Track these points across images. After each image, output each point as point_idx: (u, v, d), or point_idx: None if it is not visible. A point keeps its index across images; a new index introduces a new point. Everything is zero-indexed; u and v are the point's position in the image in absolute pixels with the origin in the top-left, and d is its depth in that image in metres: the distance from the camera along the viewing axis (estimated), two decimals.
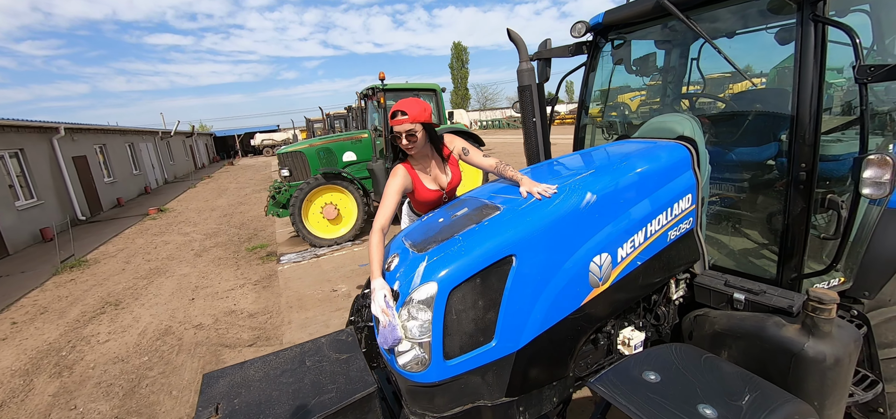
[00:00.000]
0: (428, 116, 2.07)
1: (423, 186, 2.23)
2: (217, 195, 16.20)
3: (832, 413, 1.63)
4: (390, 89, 7.90)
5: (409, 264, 1.55)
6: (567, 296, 1.65)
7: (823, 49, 1.75)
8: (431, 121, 2.13)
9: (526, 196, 1.72)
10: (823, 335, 1.59)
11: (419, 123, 2.03)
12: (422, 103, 2.07)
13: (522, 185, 1.80)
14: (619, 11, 2.54)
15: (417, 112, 2.01)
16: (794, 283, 2.00)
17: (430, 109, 2.12)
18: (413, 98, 2.10)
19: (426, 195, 2.24)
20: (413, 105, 2.03)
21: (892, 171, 1.50)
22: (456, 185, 2.35)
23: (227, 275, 6.55)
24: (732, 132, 2.80)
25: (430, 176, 2.27)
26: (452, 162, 2.30)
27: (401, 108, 2.01)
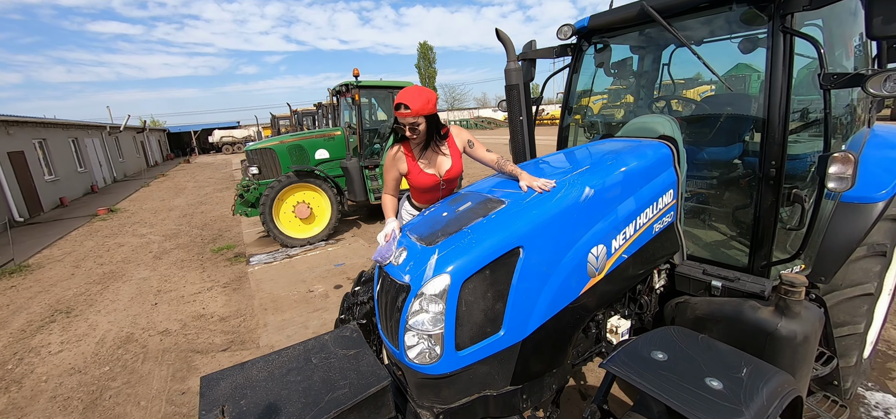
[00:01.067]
0: (431, 108, 2.08)
1: (418, 169, 2.25)
2: (174, 194, 15.30)
3: (801, 385, 1.80)
4: (364, 86, 7.79)
5: (418, 257, 1.55)
6: (568, 285, 1.72)
7: (791, 58, 1.93)
8: (435, 111, 2.13)
9: (526, 190, 1.78)
10: (794, 315, 1.75)
11: (422, 116, 2.04)
12: (425, 94, 2.05)
13: (522, 180, 1.85)
14: (603, 16, 2.66)
15: (420, 105, 2.01)
16: (763, 270, 2.18)
17: (434, 100, 2.11)
18: (417, 89, 2.08)
19: (421, 180, 2.26)
20: (416, 98, 2.01)
21: (853, 167, 1.68)
22: (455, 175, 2.35)
23: (193, 277, 6.22)
24: (701, 133, 3.01)
25: (428, 161, 2.28)
26: (455, 151, 2.32)
27: (404, 101, 2.00)
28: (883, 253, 2.27)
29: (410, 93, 2.01)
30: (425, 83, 61.07)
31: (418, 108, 1.98)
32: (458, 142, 2.33)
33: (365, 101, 8.30)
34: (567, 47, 3.05)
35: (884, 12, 1.56)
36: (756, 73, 3.81)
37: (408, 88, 2.04)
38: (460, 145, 2.32)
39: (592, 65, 3.15)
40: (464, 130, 2.33)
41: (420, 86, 2.13)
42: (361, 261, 6.23)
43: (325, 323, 4.38)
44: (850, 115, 2.50)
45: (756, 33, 2.82)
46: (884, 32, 1.57)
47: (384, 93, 8.38)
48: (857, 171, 1.69)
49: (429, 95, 2.04)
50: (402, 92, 2.03)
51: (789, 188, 2.12)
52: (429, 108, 2.03)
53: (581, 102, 3.42)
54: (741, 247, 2.46)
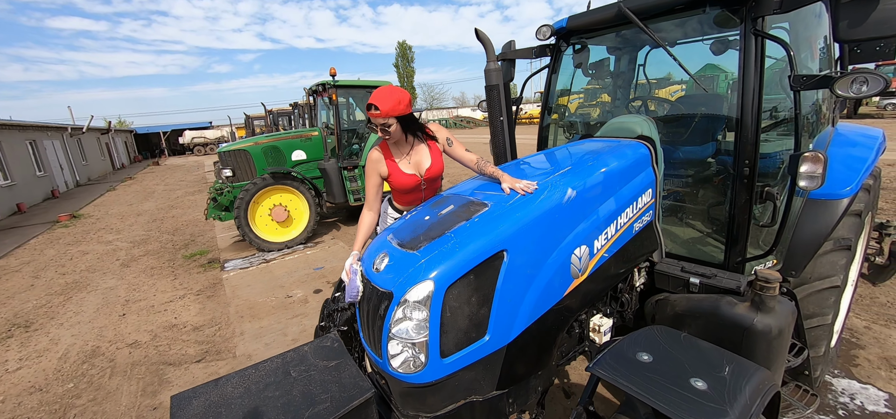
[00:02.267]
0: (402, 109, 2.06)
1: (398, 170, 2.24)
2: (143, 198, 14.68)
3: (776, 377, 1.86)
4: (342, 86, 7.65)
5: (400, 263, 1.51)
6: (553, 287, 1.71)
7: (762, 59, 1.98)
8: (407, 111, 2.12)
9: (509, 193, 1.76)
10: (769, 310, 1.80)
11: (393, 117, 2.04)
12: (396, 95, 2.04)
13: (504, 182, 1.83)
14: (582, 17, 2.67)
15: (390, 107, 2.00)
16: (738, 266, 2.24)
17: (406, 100, 2.10)
18: (389, 89, 2.06)
19: (402, 180, 2.25)
20: (386, 99, 2.00)
21: (823, 166, 1.74)
22: (436, 174, 2.35)
23: (163, 286, 5.96)
24: (676, 132, 3.08)
25: (408, 160, 2.27)
26: (435, 150, 2.32)
27: (374, 102, 2.00)
28: (848, 246, 2.38)
29: (381, 93, 2.00)
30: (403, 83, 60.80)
31: (388, 109, 1.98)
32: (439, 139, 2.32)
33: (342, 101, 8.15)
34: (546, 48, 3.06)
35: (849, 17, 1.62)
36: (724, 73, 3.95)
37: (380, 89, 2.04)
38: (440, 143, 2.32)
39: (571, 65, 3.18)
40: (443, 128, 2.33)
41: (393, 86, 2.10)
42: (342, 264, 6.12)
43: (305, 329, 4.27)
44: (816, 114, 2.60)
45: (727, 35, 2.90)
46: (849, 36, 1.63)
47: (362, 92, 8.26)
48: (826, 170, 1.75)
49: (400, 96, 2.03)
50: (374, 92, 2.03)
51: (761, 186, 2.18)
52: (400, 108, 2.02)
53: (560, 102, 3.45)
54: (716, 243, 2.53)
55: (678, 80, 3.92)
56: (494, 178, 1.94)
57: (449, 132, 2.32)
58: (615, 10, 2.38)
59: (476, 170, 2.10)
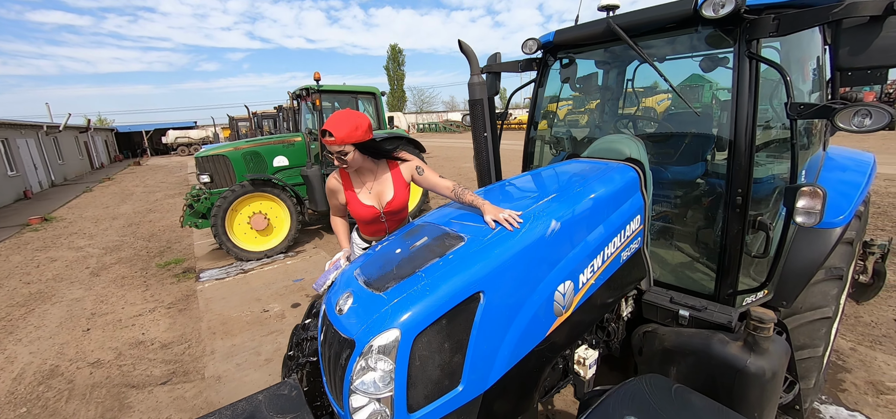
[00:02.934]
0: (359, 136, 1.93)
1: (356, 200, 2.11)
2: (120, 201, 14.20)
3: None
4: (326, 91, 7.46)
5: (365, 306, 1.36)
6: (534, 327, 1.58)
7: (757, 83, 1.89)
8: (365, 138, 1.98)
9: (494, 226, 1.60)
10: (762, 351, 1.70)
11: (350, 144, 1.90)
12: (353, 121, 1.90)
13: (486, 213, 1.68)
14: (569, 32, 2.56)
15: (345, 133, 1.87)
16: (729, 298, 2.14)
17: (364, 126, 1.96)
18: (345, 113, 1.92)
19: (360, 210, 2.12)
20: (341, 125, 1.87)
21: (822, 202, 1.64)
22: (398, 207, 2.20)
23: (134, 297, 5.67)
24: (663, 151, 2.99)
25: (368, 190, 2.14)
26: (399, 181, 2.16)
27: (328, 128, 1.87)
28: (840, 276, 2.30)
29: (336, 118, 1.88)
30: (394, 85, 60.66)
31: (343, 136, 1.86)
32: (404, 170, 2.15)
33: (327, 105, 7.96)
34: (532, 61, 2.95)
35: (851, 44, 1.53)
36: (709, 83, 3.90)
37: (335, 113, 1.92)
38: (407, 174, 2.15)
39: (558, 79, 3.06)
40: (413, 157, 2.18)
41: (351, 110, 1.97)
42: None
43: (280, 348, 4.06)
44: (808, 137, 2.53)
45: (717, 53, 2.83)
46: (850, 64, 1.54)
47: (347, 98, 8.08)
48: (825, 205, 1.65)
49: (357, 121, 1.91)
50: (329, 117, 1.90)
51: (754, 215, 2.08)
52: (356, 135, 1.90)
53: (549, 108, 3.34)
54: (706, 270, 2.43)
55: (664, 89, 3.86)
56: (475, 207, 1.78)
57: (419, 160, 2.17)
58: (603, 26, 2.27)
59: (452, 198, 1.94)
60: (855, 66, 1.55)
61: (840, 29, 1.56)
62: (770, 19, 1.75)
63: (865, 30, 1.51)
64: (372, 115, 8.47)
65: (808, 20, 1.63)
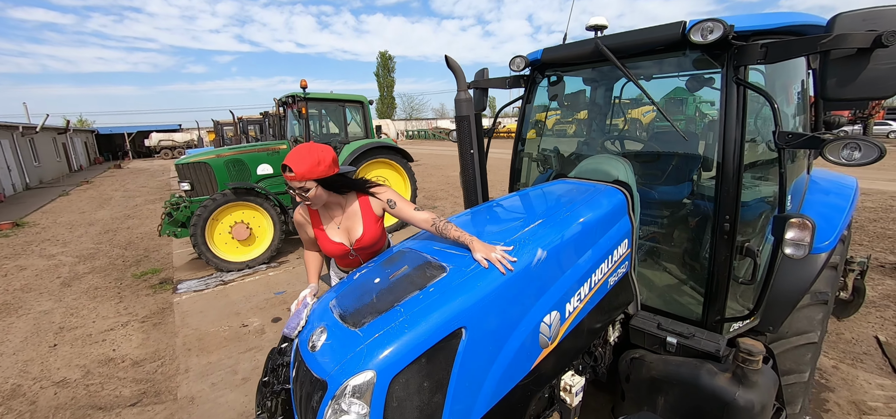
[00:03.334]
0: (321, 171, 1.78)
1: (325, 236, 1.99)
2: (98, 205, 13.75)
3: None
4: (313, 99, 7.35)
5: (339, 344, 1.27)
6: (518, 362, 1.51)
7: (744, 109, 1.87)
8: (329, 173, 1.83)
9: (486, 265, 1.49)
10: (751, 384, 1.66)
11: (310, 180, 1.77)
12: (315, 155, 1.76)
13: (476, 252, 1.55)
14: (557, 51, 2.53)
15: (305, 169, 1.73)
16: (717, 325, 2.11)
17: (326, 161, 1.81)
18: (307, 148, 1.78)
19: (329, 247, 2.00)
20: (302, 161, 1.73)
21: (811, 234, 1.62)
22: (369, 243, 2.06)
23: (106, 310, 5.44)
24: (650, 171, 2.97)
25: (337, 225, 2.01)
26: (369, 216, 2.02)
27: (288, 163, 1.74)
28: (825, 301, 2.29)
29: (297, 153, 1.75)
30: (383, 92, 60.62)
31: (303, 172, 1.72)
32: (375, 205, 2.01)
33: (314, 113, 7.85)
34: (520, 78, 2.91)
35: (838, 75, 1.52)
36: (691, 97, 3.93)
37: (297, 147, 1.78)
38: (377, 208, 2.01)
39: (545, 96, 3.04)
40: (384, 189, 2.00)
41: (314, 144, 1.84)
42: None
43: (258, 366, 3.91)
44: (792, 160, 2.53)
45: (703, 74, 2.83)
46: (837, 95, 1.53)
47: (334, 106, 7.99)
48: (814, 237, 1.63)
49: (319, 156, 1.77)
50: (291, 151, 1.78)
51: (741, 241, 2.06)
52: (318, 170, 1.76)
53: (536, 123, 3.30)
54: (692, 294, 2.40)
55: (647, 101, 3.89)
56: (461, 243, 1.64)
57: (392, 192, 2.00)
58: (592, 46, 2.24)
59: (433, 232, 1.78)
60: (842, 97, 1.54)
61: (828, 59, 1.55)
62: (758, 47, 1.74)
63: (853, 61, 1.50)
64: (359, 123, 8.39)
65: (796, 50, 1.62)
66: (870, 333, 4.17)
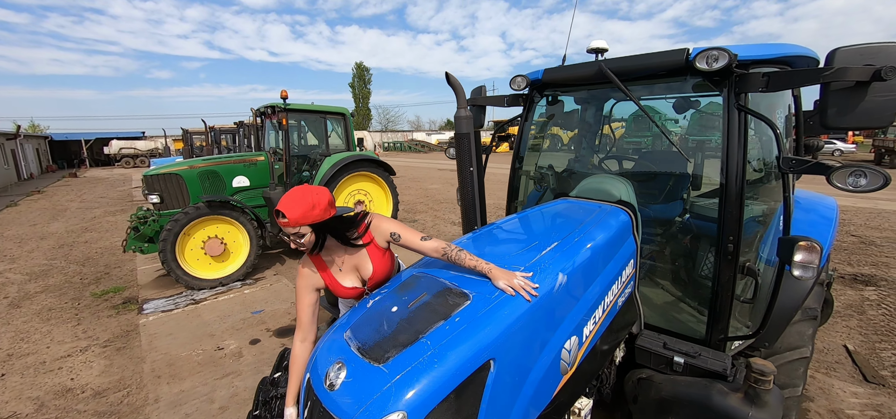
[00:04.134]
0: (316, 215, 1.64)
1: (337, 284, 1.85)
2: (51, 217, 12.79)
3: None
4: (293, 109, 7.15)
5: (362, 380, 1.18)
6: (542, 391, 1.46)
7: (746, 134, 1.93)
8: (325, 217, 1.69)
9: (513, 293, 1.43)
10: (764, 404, 1.68)
11: (305, 225, 1.64)
12: (309, 199, 1.63)
13: (497, 280, 1.49)
14: (559, 72, 2.55)
15: (299, 214, 1.59)
16: (720, 344, 2.14)
17: (322, 205, 1.67)
18: (301, 192, 1.65)
19: (345, 293, 1.87)
20: (295, 206, 1.60)
21: (819, 256, 1.68)
22: (383, 278, 1.94)
23: (62, 334, 5.00)
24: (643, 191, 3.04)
25: (346, 269, 1.88)
26: (376, 251, 1.89)
27: (282, 209, 1.61)
28: (815, 317, 2.38)
29: (290, 198, 1.63)
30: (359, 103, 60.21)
31: (296, 218, 1.59)
32: (379, 239, 1.88)
33: (293, 124, 7.64)
34: (519, 97, 2.92)
35: (838, 105, 1.59)
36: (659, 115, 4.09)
37: (290, 192, 1.66)
38: (382, 241, 1.89)
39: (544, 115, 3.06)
40: (384, 221, 1.87)
41: (307, 187, 1.70)
42: (285, 307, 5.51)
43: (237, 394, 3.67)
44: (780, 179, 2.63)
45: (689, 97, 2.93)
46: (837, 123, 1.60)
47: (315, 117, 7.81)
48: (821, 259, 1.69)
49: (314, 200, 1.64)
50: (284, 196, 1.65)
51: (742, 262, 2.11)
52: (313, 215, 1.63)
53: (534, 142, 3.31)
54: (691, 312, 2.44)
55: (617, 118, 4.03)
56: (479, 272, 1.56)
57: (395, 224, 1.87)
58: (595, 69, 2.27)
59: (446, 261, 1.69)
60: (841, 126, 1.61)
61: (828, 90, 1.62)
62: (760, 76, 1.80)
63: (852, 93, 1.57)
64: (340, 135, 8.23)
65: (798, 80, 1.69)
66: (838, 342, 4.39)
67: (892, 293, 5.64)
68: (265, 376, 2.29)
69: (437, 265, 1.72)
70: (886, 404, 3.40)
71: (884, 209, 10.72)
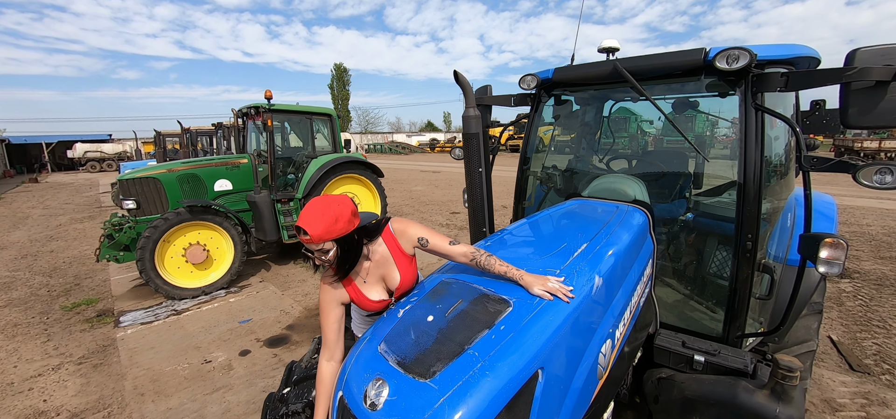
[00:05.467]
0: (340, 228, 1.54)
1: (361, 295, 1.75)
2: (11, 226, 11.98)
3: None
4: (278, 110, 6.92)
5: (409, 398, 1.09)
6: (583, 398, 1.41)
7: (763, 133, 1.95)
8: (349, 229, 1.58)
9: (551, 298, 1.38)
10: (790, 400, 1.68)
11: (330, 240, 1.54)
12: (331, 213, 1.52)
13: (532, 287, 1.43)
14: (569, 71, 2.53)
15: (322, 230, 1.49)
16: (738, 341, 2.15)
17: (345, 217, 1.56)
18: (322, 204, 1.54)
19: (371, 306, 1.77)
20: (318, 221, 1.49)
21: (845, 253, 1.70)
22: (411, 286, 1.84)
23: (31, 351, 4.64)
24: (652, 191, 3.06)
25: (371, 281, 1.78)
26: (401, 258, 1.79)
27: (303, 225, 1.50)
28: (820, 311, 2.44)
29: (311, 213, 1.52)
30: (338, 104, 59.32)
31: (320, 234, 1.49)
32: (406, 245, 1.80)
33: (277, 126, 7.40)
34: (526, 96, 2.88)
35: (859, 104, 1.61)
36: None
37: (309, 205, 1.55)
38: (409, 248, 1.80)
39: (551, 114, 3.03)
40: (411, 226, 1.78)
41: (326, 197, 1.58)
42: (274, 315, 5.31)
43: (230, 409, 3.49)
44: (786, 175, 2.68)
45: (687, 97, 2.97)
46: (858, 123, 1.62)
47: (300, 118, 7.59)
48: (846, 257, 1.71)
49: (336, 213, 1.53)
50: (304, 209, 1.55)
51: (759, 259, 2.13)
52: (338, 228, 1.53)
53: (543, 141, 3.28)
54: (703, 309, 2.46)
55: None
56: (510, 278, 1.50)
57: (421, 228, 1.78)
58: (609, 68, 2.25)
59: (474, 267, 1.63)
60: (862, 125, 1.63)
61: (849, 90, 1.64)
62: (778, 75, 1.82)
63: (872, 92, 1.60)
64: (327, 136, 8.04)
65: (818, 80, 1.71)
66: (823, 334, 4.56)
67: (865, 285, 5.92)
68: (272, 392, 2.16)
69: (463, 270, 1.65)
70: (873, 391, 3.54)
71: (848, 205, 11.31)
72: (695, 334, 2.25)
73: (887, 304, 5.24)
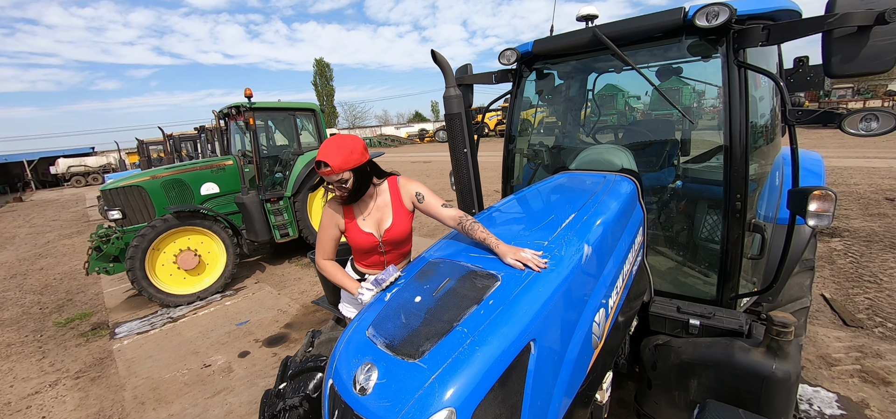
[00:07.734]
0: (357, 158, 1.81)
1: (355, 227, 1.97)
2: None
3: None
4: (259, 108, 6.79)
5: (399, 379, 1.07)
6: (578, 368, 1.40)
7: (747, 91, 1.92)
8: (363, 160, 1.85)
9: (523, 268, 1.36)
10: (786, 356, 1.69)
11: (347, 170, 1.78)
12: (347, 145, 1.79)
13: (505, 256, 1.42)
14: (550, 42, 2.48)
15: (341, 160, 1.74)
16: (732, 302, 2.16)
17: (359, 149, 1.84)
18: (336, 140, 1.80)
19: (359, 239, 1.97)
20: (336, 153, 1.74)
21: (834, 204, 1.69)
22: (399, 237, 2.02)
23: (26, 370, 4.58)
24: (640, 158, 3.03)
25: (367, 216, 1.98)
26: (399, 206, 2.00)
27: (323, 158, 1.75)
28: (812, 267, 2.45)
29: (329, 147, 1.77)
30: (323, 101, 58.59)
31: (339, 164, 1.73)
32: (404, 195, 2.00)
33: (260, 124, 7.27)
34: (508, 73, 2.83)
35: (841, 52, 1.58)
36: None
37: (326, 142, 1.80)
38: (407, 199, 2.00)
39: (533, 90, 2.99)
40: (414, 181, 2.01)
41: (341, 135, 1.86)
42: (272, 314, 5.27)
43: (232, 410, 3.47)
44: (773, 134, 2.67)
45: (670, 64, 2.93)
46: (842, 71, 1.60)
47: (284, 115, 7.47)
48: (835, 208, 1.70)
49: (352, 145, 1.80)
50: (321, 147, 1.79)
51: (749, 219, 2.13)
52: (354, 159, 1.78)
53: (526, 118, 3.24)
54: (695, 274, 2.46)
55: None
56: (487, 245, 1.53)
57: (420, 185, 2.00)
58: (588, 36, 2.21)
59: (459, 230, 1.73)
60: (845, 73, 1.61)
61: (831, 38, 1.62)
62: (759, 29, 1.79)
63: (855, 39, 1.57)
64: (312, 132, 7.92)
65: (800, 30, 1.69)
66: (816, 292, 4.62)
67: (855, 242, 6.01)
68: (268, 389, 2.14)
69: (453, 249, 1.62)
70: (867, 345, 3.60)
71: (836, 165, 11.44)
72: (689, 299, 2.25)
73: (877, 259, 5.32)
